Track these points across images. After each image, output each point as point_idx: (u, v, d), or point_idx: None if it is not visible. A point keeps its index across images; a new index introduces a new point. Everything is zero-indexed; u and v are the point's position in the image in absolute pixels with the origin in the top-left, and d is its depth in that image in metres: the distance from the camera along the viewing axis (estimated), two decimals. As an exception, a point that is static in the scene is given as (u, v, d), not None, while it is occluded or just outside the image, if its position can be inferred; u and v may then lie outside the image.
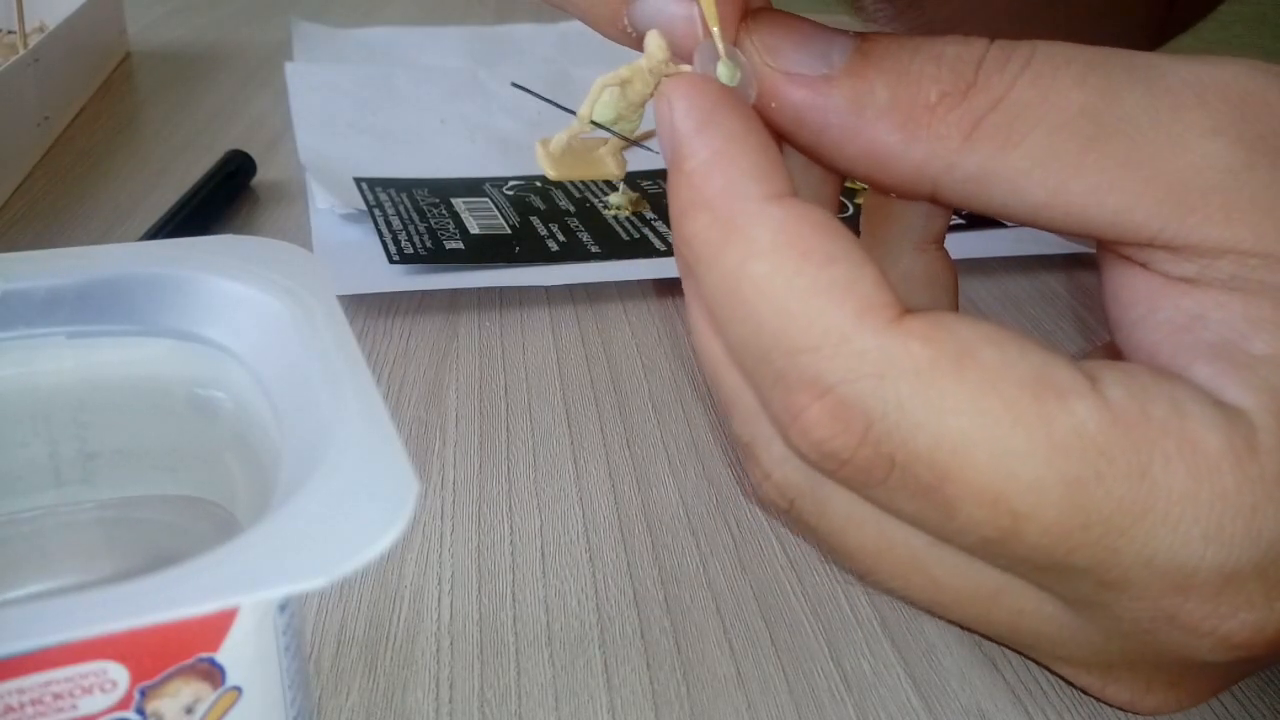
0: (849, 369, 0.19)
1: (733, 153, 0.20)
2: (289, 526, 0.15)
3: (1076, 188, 0.20)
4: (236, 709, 0.16)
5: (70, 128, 0.56)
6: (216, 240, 0.21)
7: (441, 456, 0.32)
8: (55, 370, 0.20)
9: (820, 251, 0.19)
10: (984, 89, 0.20)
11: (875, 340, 0.19)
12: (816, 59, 0.21)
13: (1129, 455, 0.18)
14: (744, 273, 0.19)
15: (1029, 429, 0.18)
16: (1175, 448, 0.18)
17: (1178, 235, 0.19)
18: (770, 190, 0.20)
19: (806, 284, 0.19)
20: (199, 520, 0.21)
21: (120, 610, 0.13)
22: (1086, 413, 0.18)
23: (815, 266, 0.19)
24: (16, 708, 0.14)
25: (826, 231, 0.19)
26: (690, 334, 0.23)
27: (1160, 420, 0.18)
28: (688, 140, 0.20)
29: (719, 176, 0.20)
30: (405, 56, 0.68)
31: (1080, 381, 0.19)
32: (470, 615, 0.26)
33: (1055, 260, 0.46)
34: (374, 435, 0.16)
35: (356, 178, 0.47)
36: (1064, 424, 0.18)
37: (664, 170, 0.21)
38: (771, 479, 0.22)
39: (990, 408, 0.18)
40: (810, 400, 0.19)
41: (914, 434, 0.19)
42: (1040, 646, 0.23)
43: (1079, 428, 0.18)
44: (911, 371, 0.18)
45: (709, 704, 0.24)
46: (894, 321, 0.19)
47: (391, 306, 0.40)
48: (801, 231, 0.19)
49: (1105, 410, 0.18)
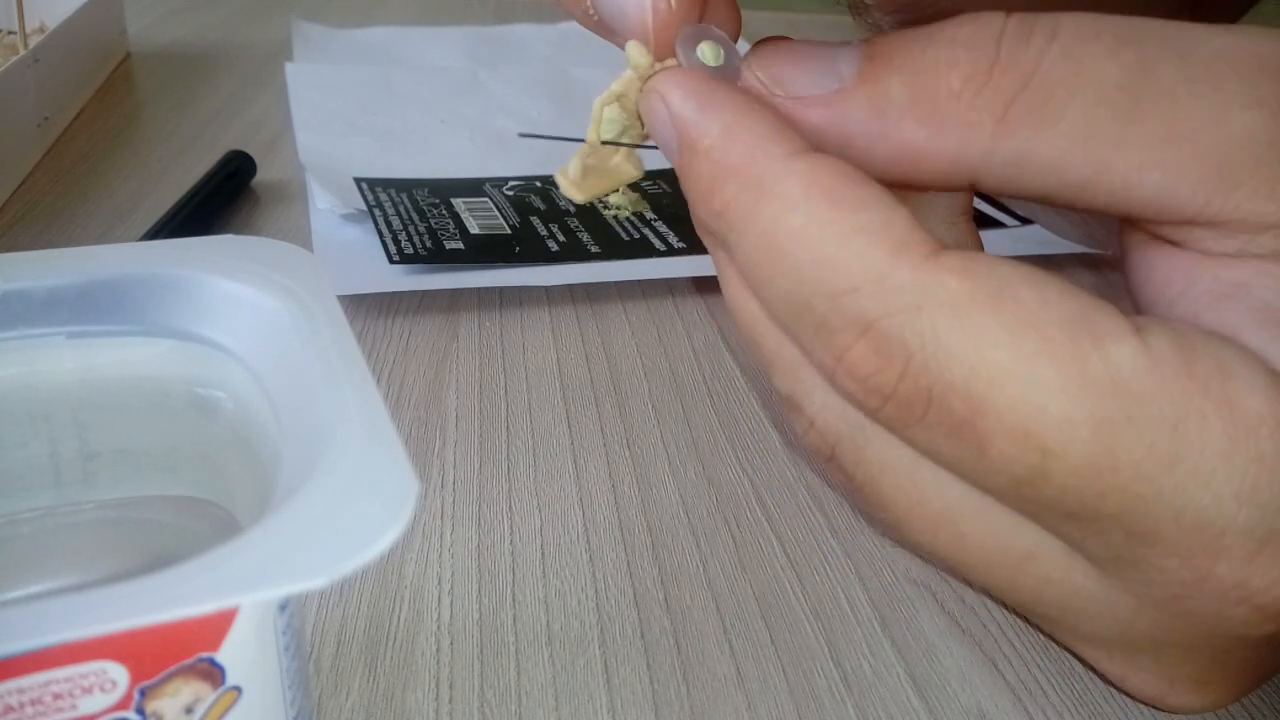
0: (888, 304, 0.19)
1: (744, 122, 0.20)
2: (289, 526, 0.15)
3: (1119, 165, 0.19)
4: (236, 709, 0.16)
5: (70, 128, 0.56)
6: (216, 240, 0.21)
7: (441, 456, 0.32)
8: (55, 370, 0.20)
9: (851, 198, 0.19)
10: (1011, 66, 0.19)
11: (912, 276, 0.19)
12: (826, 76, 0.21)
13: (1164, 405, 0.18)
14: (780, 226, 0.20)
15: (1062, 365, 0.18)
16: (1214, 406, 0.18)
17: (1222, 211, 0.19)
18: (790, 147, 0.20)
19: (841, 230, 0.19)
20: (199, 520, 0.21)
21: (120, 610, 0.13)
22: (1124, 357, 0.18)
23: (848, 212, 0.19)
24: (16, 708, 0.14)
25: (854, 180, 0.20)
26: (728, 305, 0.23)
27: (1203, 377, 0.18)
28: (695, 122, 0.21)
29: (737, 145, 0.20)
30: (405, 56, 0.68)
31: (1124, 327, 0.19)
32: (470, 615, 0.26)
33: (1056, 260, 0.46)
34: (374, 435, 0.16)
35: (356, 178, 0.47)
36: (1099, 364, 0.18)
37: (664, 170, 0.21)
38: (815, 426, 0.23)
39: (1025, 342, 0.18)
40: (853, 339, 0.19)
41: (949, 365, 0.19)
42: (1065, 620, 0.23)
43: (1115, 370, 0.18)
44: (948, 304, 0.19)
45: (709, 704, 0.24)
46: (929, 256, 0.19)
47: (391, 306, 0.40)
48: (831, 181, 0.20)
49: (1145, 356, 0.18)
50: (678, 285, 0.43)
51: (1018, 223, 0.47)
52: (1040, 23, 0.20)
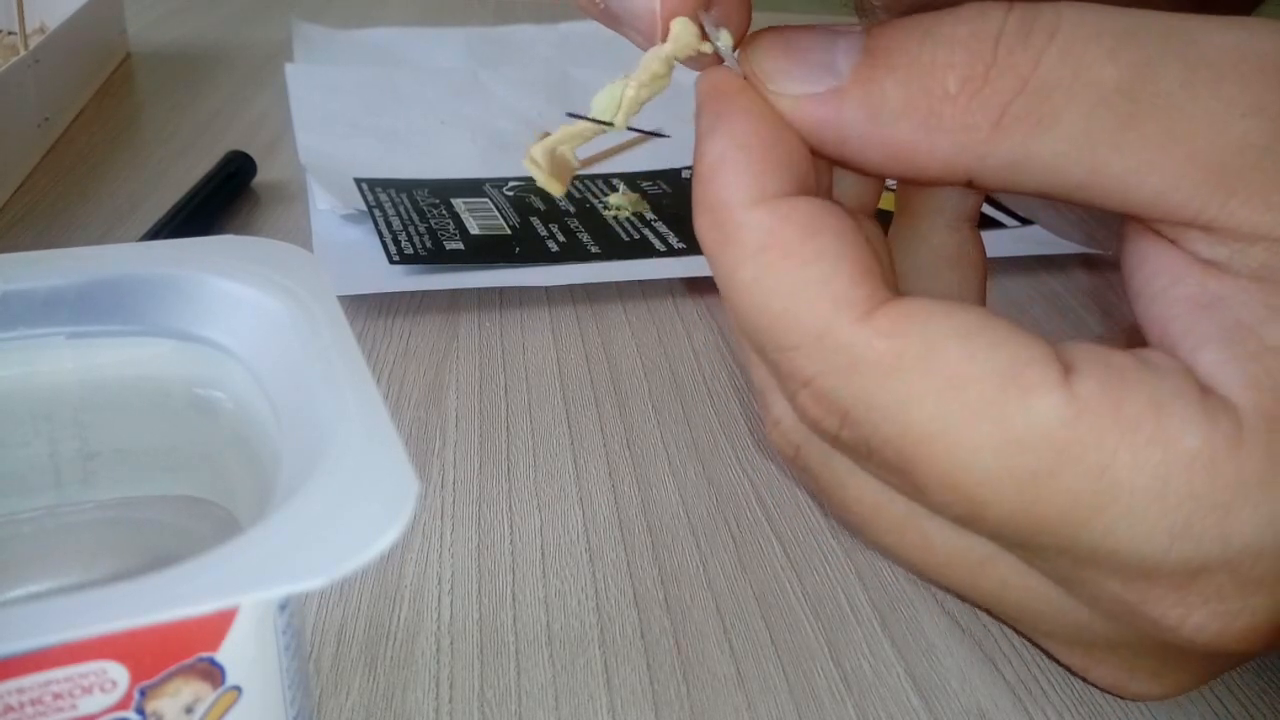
0: (824, 364, 0.20)
1: (732, 157, 0.20)
2: (289, 526, 0.15)
3: (1116, 168, 0.19)
4: (236, 709, 0.16)
5: (70, 128, 0.56)
6: (216, 240, 0.21)
7: (441, 456, 0.32)
8: (55, 370, 0.20)
9: (800, 252, 0.20)
10: (1007, 68, 0.19)
11: (846, 336, 0.19)
12: (823, 71, 0.21)
13: (1089, 452, 0.18)
14: (735, 277, 0.20)
15: (985, 425, 0.19)
16: (1145, 443, 0.18)
17: (1216, 218, 0.19)
18: (759, 194, 0.20)
19: (786, 286, 0.20)
20: (199, 520, 0.21)
21: (120, 610, 0.13)
22: (1048, 409, 0.19)
23: (796, 266, 0.20)
24: (16, 708, 0.14)
25: (808, 230, 0.20)
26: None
27: (1133, 417, 0.18)
28: (701, 141, 0.21)
29: (716, 180, 0.20)
30: (405, 57, 0.68)
31: (1050, 377, 0.19)
32: (470, 615, 0.26)
33: (1056, 260, 0.46)
34: (374, 435, 0.16)
35: (357, 178, 0.48)
36: (1021, 420, 0.19)
37: (664, 170, 0.21)
38: (780, 426, 0.24)
39: (949, 403, 0.19)
40: (798, 388, 0.20)
41: (881, 423, 0.20)
42: (1025, 620, 0.23)
43: (1038, 424, 0.19)
44: (878, 366, 0.19)
45: (709, 704, 0.24)
46: (862, 318, 0.19)
47: (391, 306, 0.40)
48: (785, 234, 0.20)
49: (1070, 406, 0.18)
50: (678, 285, 0.43)
51: (1018, 223, 0.47)
52: (1040, 19, 0.19)
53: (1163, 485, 0.18)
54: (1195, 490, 0.18)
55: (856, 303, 0.19)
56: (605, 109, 0.22)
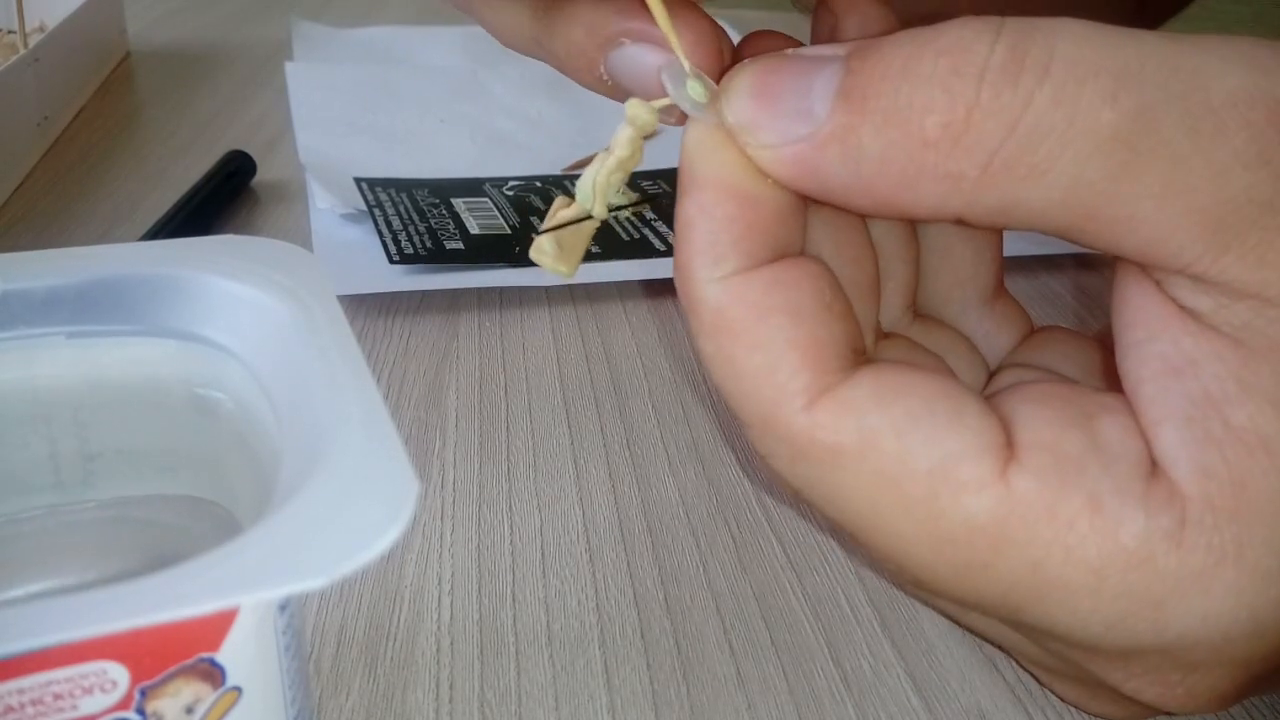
0: (771, 449, 0.21)
1: (698, 224, 0.20)
2: (289, 526, 0.15)
3: (1109, 215, 0.18)
4: (236, 709, 0.16)
5: (70, 128, 0.56)
6: (216, 240, 0.21)
7: (441, 456, 0.32)
8: (55, 370, 0.20)
9: (748, 337, 0.20)
10: (993, 111, 0.18)
11: (786, 429, 0.20)
12: (798, 118, 0.19)
13: (1021, 549, 0.19)
14: (696, 345, 0.21)
15: (917, 521, 0.19)
16: (1079, 542, 0.18)
17: (1208, 271, 0.18)
18: (716, 269, 0.20)
19: (735, 370, 0.20)
20: (199, 520, 0.21)
21: (120, 610, 0.13)
22: (980, 507, 0.19)
23: (744, 352, 0.20)
24: (16, 708, 0.14)
25: (760, 310, 0.20)
26: None
27: (1068, 516, 0.18)
28: (677, 202, 0.21)
29: (682, 249, 0.21)
30: (405, 56, 0.68)
31: (986, 474, 0.19)
32: (470, 615, 0.26)
33: (1056, 261, 0.46)
34: (374, 435, 0.16)
35: (356, 178, 0.47)
36: (953, 518, 0.19)
37: (664, 170, 0.21)
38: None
39: (884, 497, 0.19)
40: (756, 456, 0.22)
41: (827, 508, 0.21)
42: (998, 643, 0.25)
43: (969, 522, 0.19)
44: (819, 461, 0.20)
45: (709, 704, 0.24)
46: (806, 408, 0.20)
47: (391, 306, 0.40)
48: (735, 315, 0.20)
49: (1004, 504, 0.19)
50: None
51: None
52: (1031, 54, 0.18)
53: (1097, 581, 0.18)
54: (1130, 587, 0.18)
55: (797, 394, 0.20)
56: (587, 194, 0.23)
